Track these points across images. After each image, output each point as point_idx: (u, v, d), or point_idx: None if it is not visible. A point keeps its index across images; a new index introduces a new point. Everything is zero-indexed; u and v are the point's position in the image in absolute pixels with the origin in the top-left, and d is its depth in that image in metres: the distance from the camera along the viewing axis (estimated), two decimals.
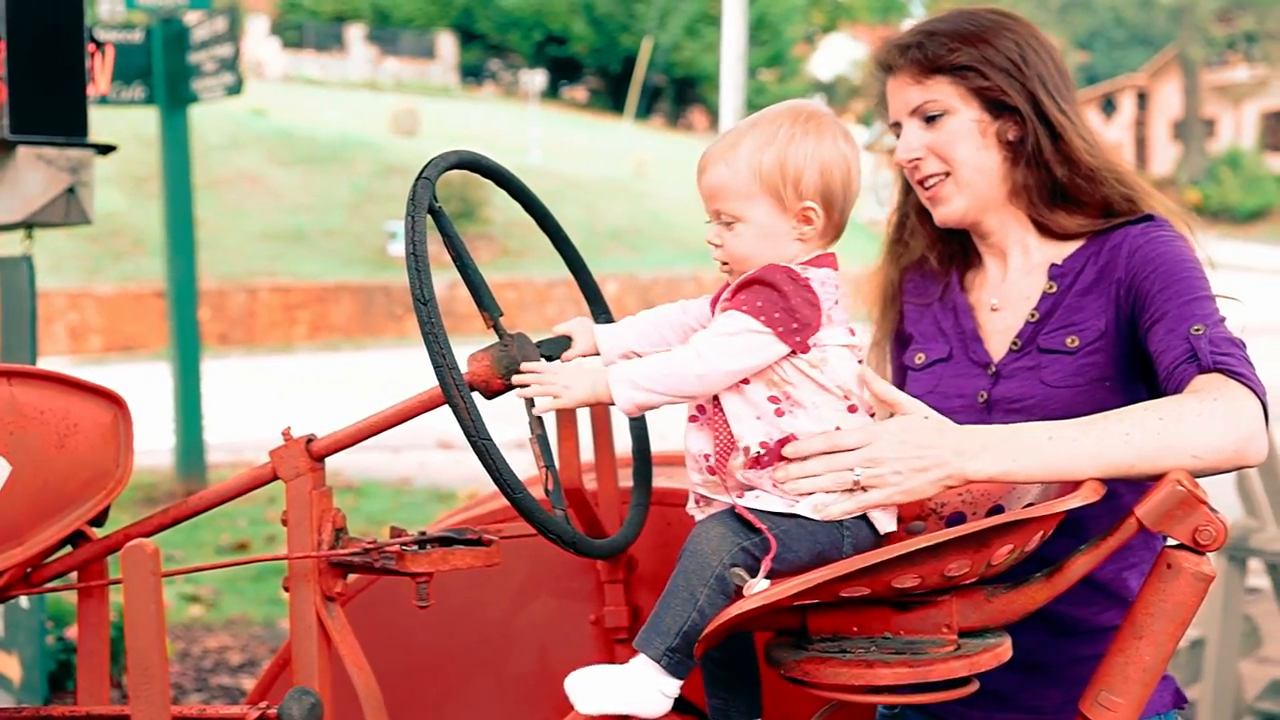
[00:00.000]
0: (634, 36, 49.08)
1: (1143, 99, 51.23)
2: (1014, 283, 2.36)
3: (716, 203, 2.09)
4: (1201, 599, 1.93)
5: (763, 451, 2.01)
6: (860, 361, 2.08)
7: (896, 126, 2.36)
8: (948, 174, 2.30)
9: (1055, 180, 2.30)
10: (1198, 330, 2.05)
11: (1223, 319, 2.09)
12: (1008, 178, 2.31)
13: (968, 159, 2.29)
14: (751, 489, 2.02)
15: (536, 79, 48.06)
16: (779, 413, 2.02)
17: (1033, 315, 2.30)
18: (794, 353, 2.00)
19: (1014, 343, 2.31)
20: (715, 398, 2.05)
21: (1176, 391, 2.02)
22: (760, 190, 2.05)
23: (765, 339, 1.98)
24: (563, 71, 56.00)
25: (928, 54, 2.28)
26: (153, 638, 1.73)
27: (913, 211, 2.47)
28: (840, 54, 66.50)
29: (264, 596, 7.80)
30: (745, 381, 2.03)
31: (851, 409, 2.04)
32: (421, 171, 2.06)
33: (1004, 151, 2.29)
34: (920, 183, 2.34)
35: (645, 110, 49.69)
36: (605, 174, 34.14)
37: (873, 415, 2.08)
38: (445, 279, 1.95)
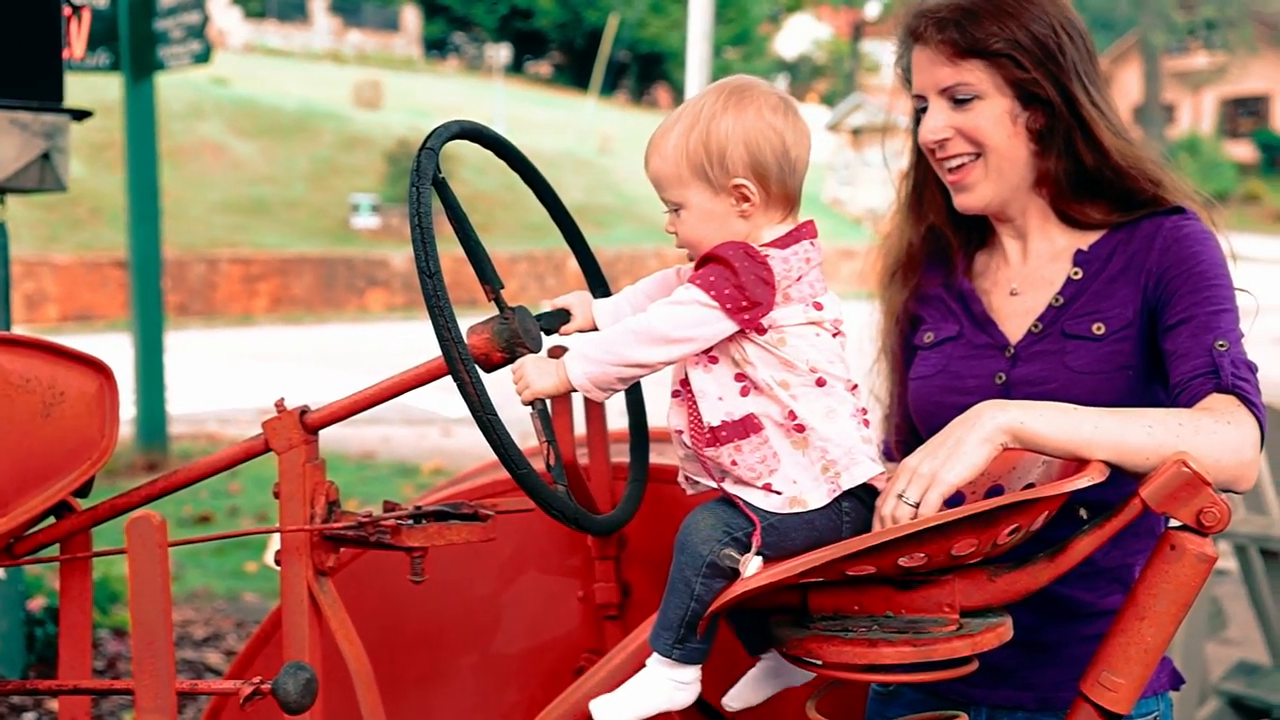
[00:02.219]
0: (599, 12, 48.94)
1: (1090, 63, 51.35)
2: (1036, 268, 2.34)
3: (659, 192, 2.10)
4: (1204, 580, 1.93)
5: (721, 429, 2.00)
6: (837, 335, 2.06)
7: (920, 99, 2.33)
8: (977, 155, 2.27)
9: (1083, 170, 2.28)
10: (1222, 346, 2.08)
11: (1242, 335, 2.12)
12: (1034, 166, 2.29)
13: (999, 145, 2.26)
14: (738, 481, 2.01)
15: (501, 53, 47.91)
16: (744, 391, 2.01)
17: (1056, 300, 2.29)
18: (745, 331, 1.99)
19: (1035, 325, 2.30)
20: (685, 378, 2.04)
21: (1189, 400, 2.05)
22: (690, 174, 2.04)
23: (712, 313, 1.96)
24: (527, 46, 55.79)
25: (966, 35, 2.23)
26: (159, 611, 1.70)
27: (931, 181, 2.43)
28: (804, 34, 66.50)
29: (227, 569, 7.76)
30: (714, 360, 2.02)
31: (820, 383, 2.02)
32: (425, 141, 2.02)
33: (1032, 141, 2.27)
34: (943, 162, 2.31)
35: (610, 86, 49.57)
36: (569, 150, 34.08)
37: (855, 388, 2.07)
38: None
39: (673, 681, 2.03)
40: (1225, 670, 5.45)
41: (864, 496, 2.03)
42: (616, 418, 2.48)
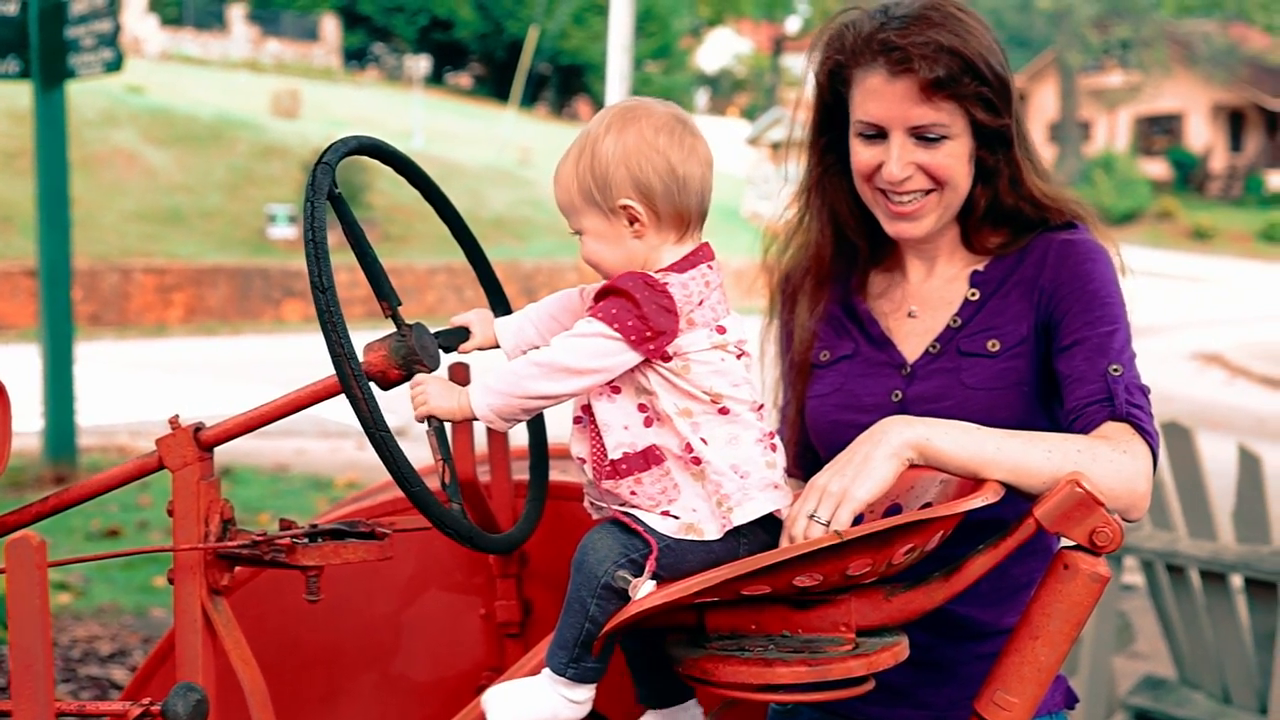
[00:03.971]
0: (520, 24, 48.88)
1: (1021, 100, 51.94)
2: (936, 288, 2.35)
3: (565, 220, 2.11)
4: (1097, 600, 1.94)
5: (622, 461, 2.00)
6: (741, 356, 2.05)
7: (872, 126, 2.24)
8: (930, 192, 2.24)
9: (1003, 205, 2.29)
10: (1116, 371, 2.10)
11: (1134, 356, 2.14)
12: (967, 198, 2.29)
13: (959, 184, 2.24)
14: (631, 505, 2.01)
15: (421, 64, 47.72)
16: (647, 422, 2.00)
17: (954, 321, 2.29)
18: (649, 360, 1.98)
19: (932, 346, 2.30)
20: (589, 405, 2.03)
21: (1084, 426, 2.08)
22: (582, 201, 2.05)
23: (615, 345, 1.95)
24: (447, 57, 55.65)
25: (950, 74, 2.17)
26: (37, 634, 1.66)
27: (842, 194, 2.38)
28: (725, 48, 66.85)
29: (135, 584, 7.65)
30: (617, 390, 2.01)
31: (722, 411, 2.01)
32: (322, 156, 2.01)
33: (976, 177, 2.27)
34: (888, 194, 2.25)
35: (530, 98, 49.51)
36: (489, 161, 34.00)
37: (760, 408, 2.07)
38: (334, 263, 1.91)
39: (563, 698, 2.02)
40: (1133, 684, 5.50)
41: (764, 522, 2.02)
42: (521, 434, 2.47)
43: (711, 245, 2.10)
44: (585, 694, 2.03)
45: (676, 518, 1.98)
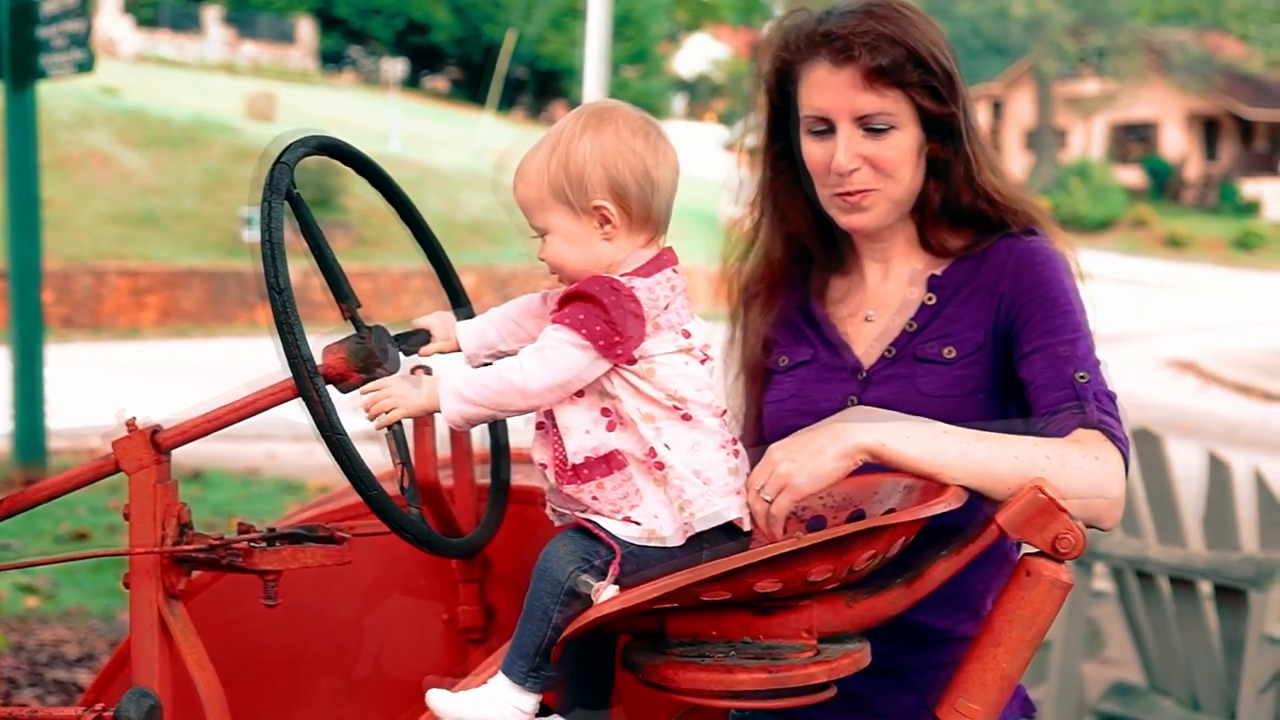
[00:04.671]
0: (497, 27, 48.81)
1: (997, 108, 52.17)
2: (892, 291, 2.33)
3: (526, 218, 2.07)
4: (1059, 606, 1.93)
5: (584, 466, 1.99)
6: (705, 361, 2.04)
7: (819, 121, 2.23)
8: (878, 188, 2.23)
9: (959, 202, 2.27)
10: (1083, 378, 2.09)
11: (1099, 362, 2.13)
12: (920, 194, 2.28)
13: (906, 177, 2.23)
14: (593, 511, 1.99)
15: (397, 67, 47.62)
16: (610, 426, 1.99)
17: (910, 325, 2.28)
18: (617, 366, 1.97)
19: (888, 350, 2.28)
20: (550, 411, 2.01)
21: (1055, 434, 2.05)
22: (551, 198, 2.02)
23: (586, 354, 1.94)
24: (424, 61, 55.55)
25: (893, 61, 2.16)
26: None
27: (795, 194, 2.37)
28: (703, 53, 66.89)
29: (103, 588, 7.59)
30: (579, 394, 1.99)
31: (685, 418, 2.00)
32: (279, 155, 1.99)
33: (925, 170, 2.26)
34: (836, 186, 2.24)
35: (507, 103, 49.46)
36: (465, 165, 33.91)
37: (723, 413, 2.05)
38: (300, 267, 1.89)
39: (513, 707, 2.00)
40: (1102, 690, 5.51)
41: (727, 528, 2.01)
42: (484, 438, 2.45)
43: (676, 250, 2.09)
44: (534, 703, 2.01)
45: (638, 524, 1.97)
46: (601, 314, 1.94)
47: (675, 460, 1.97)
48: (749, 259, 2.47)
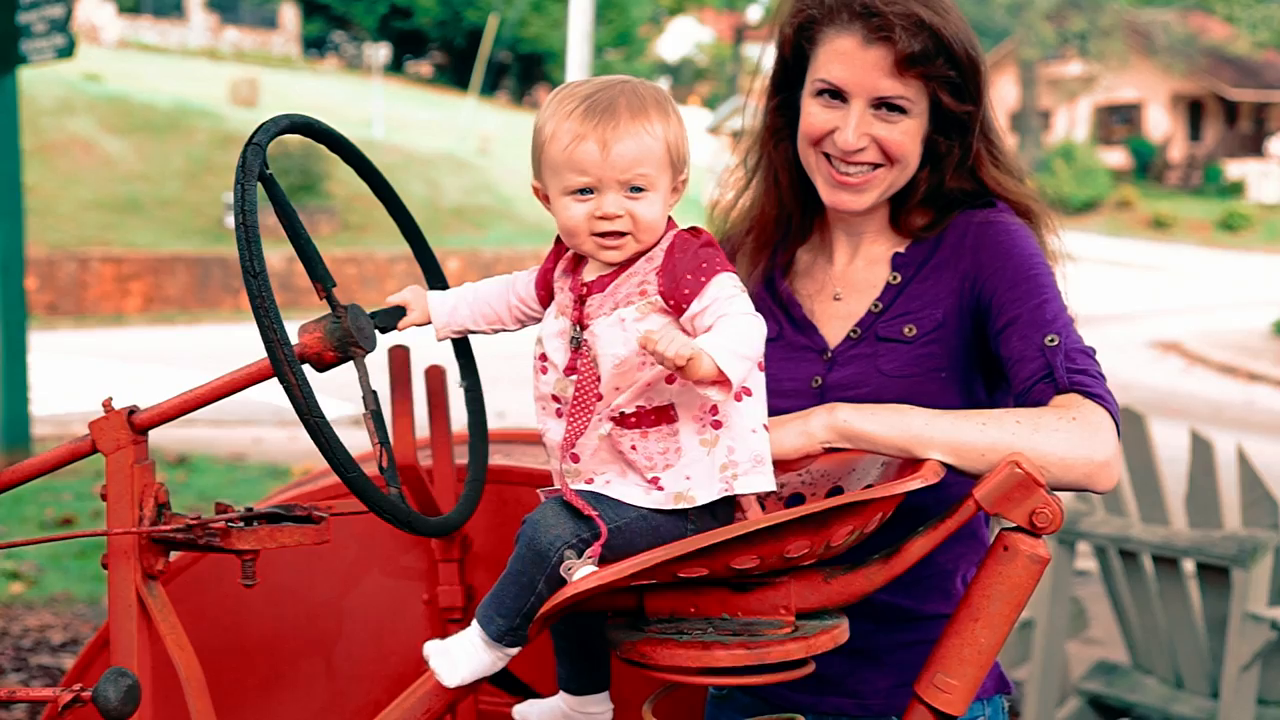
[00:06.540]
0: (480, 11, 48.67)
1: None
2: (859, 270, 2.31)
3: (633, 169, 1.96)
4: (1036, 581, 1.93)
5: (632, 415, 1.93)
6: None
7: (833, 87, 2.19)
8: (879, 166, 2.20)
9: (943, 189, 2.25)
10: (1052, 342, 2.04)
11: (1071, 320, 2.09)
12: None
13: (909, 163, 2.21)
14: (603, 475, 1.97)
15: (380, 52, 47.40)
16: (670, 379, 1.91)
17: (875, 305, 2.26)
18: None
19: (853, 331, 2.27)
20: (590, 353, 1.96)
21: (1033, 406, 2.01)
22: (668, 160, 1.99)
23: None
24: (407, 45, 55.34)
25: (926, 51, 2.13)
26: None
27: (785, 159, 2.34)
28: (686, 36, 66.78)
29: (88, 573, 7.59)
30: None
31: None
32: (252, 136, 1.98)
33: (922, 158, 2.24)
34: (837, 161, 2.21)
35: (490, 87, 49.35)
36: (449, 150, 33.83)
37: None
38: (283, 252, 1.88)
39: (504, 652, 2.02)
40: (1086, 669, 5.52)
41: (717, 512, 1.98)
42: (462, 419, 2.45)
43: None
44: (504, 661, 2.03)
45: (662, 489, 1.93)
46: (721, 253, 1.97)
47: (738, 419, 1.93)
48: (736, 210, 2.45)
